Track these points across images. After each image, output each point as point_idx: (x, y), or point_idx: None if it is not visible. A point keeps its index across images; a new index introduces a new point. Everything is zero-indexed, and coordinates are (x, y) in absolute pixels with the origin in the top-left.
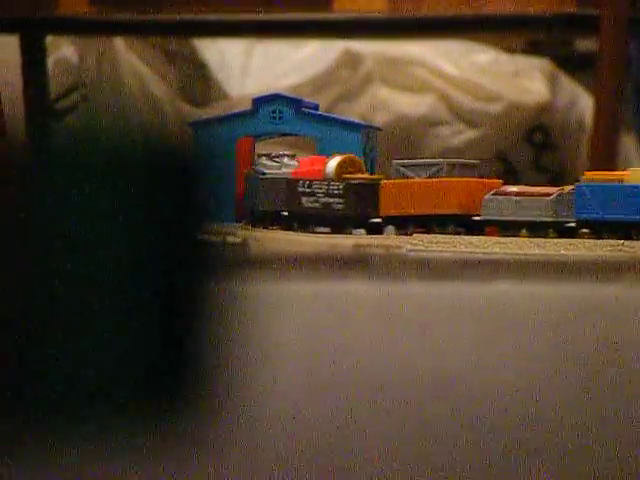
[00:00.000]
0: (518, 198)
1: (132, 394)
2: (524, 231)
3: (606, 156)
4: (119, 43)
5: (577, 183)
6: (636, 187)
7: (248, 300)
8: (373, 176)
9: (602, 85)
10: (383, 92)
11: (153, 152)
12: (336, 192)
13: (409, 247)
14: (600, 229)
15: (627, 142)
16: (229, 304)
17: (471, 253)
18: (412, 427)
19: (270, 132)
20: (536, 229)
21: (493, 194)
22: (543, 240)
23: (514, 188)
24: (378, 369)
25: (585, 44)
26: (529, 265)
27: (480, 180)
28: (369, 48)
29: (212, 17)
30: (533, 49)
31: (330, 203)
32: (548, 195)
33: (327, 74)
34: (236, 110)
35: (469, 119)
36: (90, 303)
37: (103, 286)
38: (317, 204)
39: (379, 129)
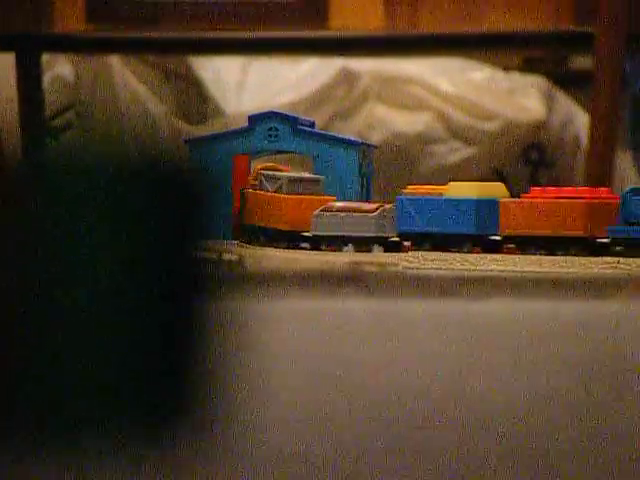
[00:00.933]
0: (343, 214)
1: (129, 409)
2: (350, 247)
3: (602, 173)
4: (115, 61)
5: (398, 197)
6: (455, 200)
7: (244, 317)
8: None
9: (598, 102)
10: (379, 110)
11: (149, 170)
12: None
13: (405, 264)
14: (421, 241)
15: (623, 159)
16: (225, 321)
17: (467, 270)
18: (409, 442)
19: (266, 149)
20: (361, 244)
21: (321, 210)
22: (539, 257)
23: (340, 204)
24: (375, 385)
25: (581, 61)
26: (525, 282)
27: (314, 197)
28: (365, 66)
29: (208, 35)
30: (529, 66)
31: None
32: (372, 211)
33: (323, 92)
34: (232, 128)
35: (465, 137)
36: (86, 319)
37: (99, 302)
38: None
39: (375, 147)
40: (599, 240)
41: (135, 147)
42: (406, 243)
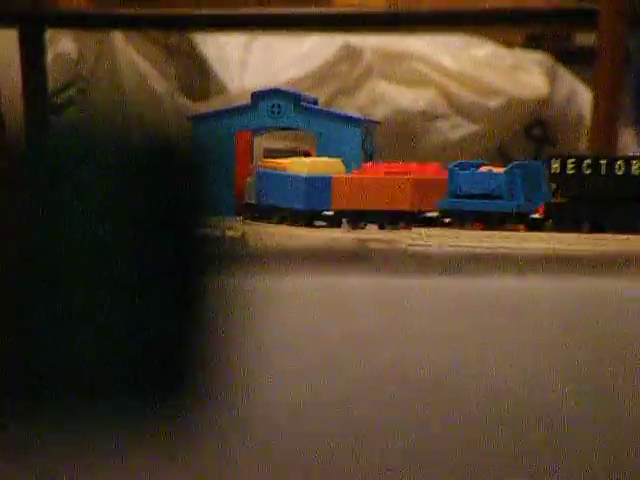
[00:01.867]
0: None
1: (134, 386)
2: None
3: (605, 150)
4: (118, 37)
5: (257, 169)
6: (288, 176)
7: (248, 294)
8: None
9: (601, 79)
10: (382, 86)
11: (152, 146)
12: None
13: (409, 241)
14: (269, 215)
15: (626, 136)
16: (229, 298)
17: (473, 247)
18: (413, 422)
19: (269, 126)
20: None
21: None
22: (546, 234)
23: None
24: (380, 363)
25: (584, 38)
26: (531, 259)
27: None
28: (368, 42)
29: (211, 11)
30: (532, 43)
31: None
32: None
33: (326, 68)
34: (235, 104)
35: (468, 113)
36: (91, 297)
37: (102, 281)
38: None
39: (378, 123)
40: (428, 214)
41: (138, 124)
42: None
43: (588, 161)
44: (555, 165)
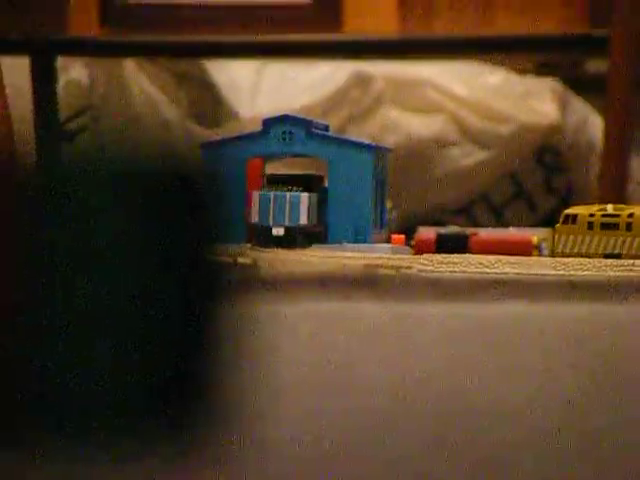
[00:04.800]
0: None
1: (142, 412)
2: None
3: (616, 176)
4: (129, 65)
5: None
6: None
7: (258, 321)
8: None
9: (612, 106)
10: (393, 113)
11: (163, 174)
12: None
13: (419, 267)
14: None
15: (638, 163)
16: (240, 325)
17: (481, 273)
18: (421, 446)
19: (280, 153)
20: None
21: None
22: (553, 260)
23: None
24: (389, 388)
25: (595, 65)
26: (540, 285)
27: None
28: (380, 69)
29: (222, 38)
30: (543, 70)
31: None
32: None
33: (338, 95)
34: (246, 131)
35: (479, 140)
36: (100, 321)
37: (112, 306)
38: None
39: (389, 150)
40: None
41: (149, 151)
42: None
43: None
44: None
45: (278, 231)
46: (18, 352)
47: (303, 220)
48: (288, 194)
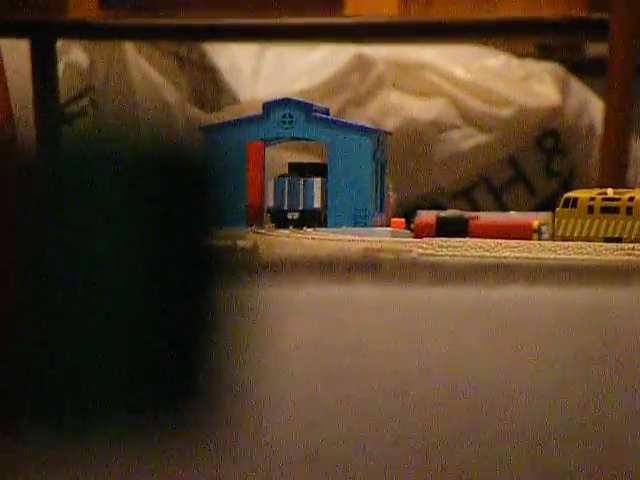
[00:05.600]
0: None
1: (140, 398)
2: None
3: (617, 160)
4: (129, 48)
5: None
6: None
7: (258, 305)
8: None
9: (613, 89)
10: (393, 96)
11: (163, 157)
12: None
13: (419, 251)
14: None
15: (638, 146)
16: (239, 309)
17: (482, 257)
18: (421, 434)
19: (280, 137)
20: None
21: None
22: (554, 244)
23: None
24: (389, 372)
25: (596, 48)
26: (540, 269)
27: None
28: (380, 52)
29: (223, 21)
30: (544, 53)
31: None
32: None
33: (338, 78)
34: (246, 115)
35: (479, 123)
36: (98, 306)
37: (111, 290)
38: None
39: (389, 133)
40: None
41: (149, 134)
42: None
43: None
44: None
45: (293, 215)
46: (18, 350)
47: (317, 204)
48: (302, 180)
